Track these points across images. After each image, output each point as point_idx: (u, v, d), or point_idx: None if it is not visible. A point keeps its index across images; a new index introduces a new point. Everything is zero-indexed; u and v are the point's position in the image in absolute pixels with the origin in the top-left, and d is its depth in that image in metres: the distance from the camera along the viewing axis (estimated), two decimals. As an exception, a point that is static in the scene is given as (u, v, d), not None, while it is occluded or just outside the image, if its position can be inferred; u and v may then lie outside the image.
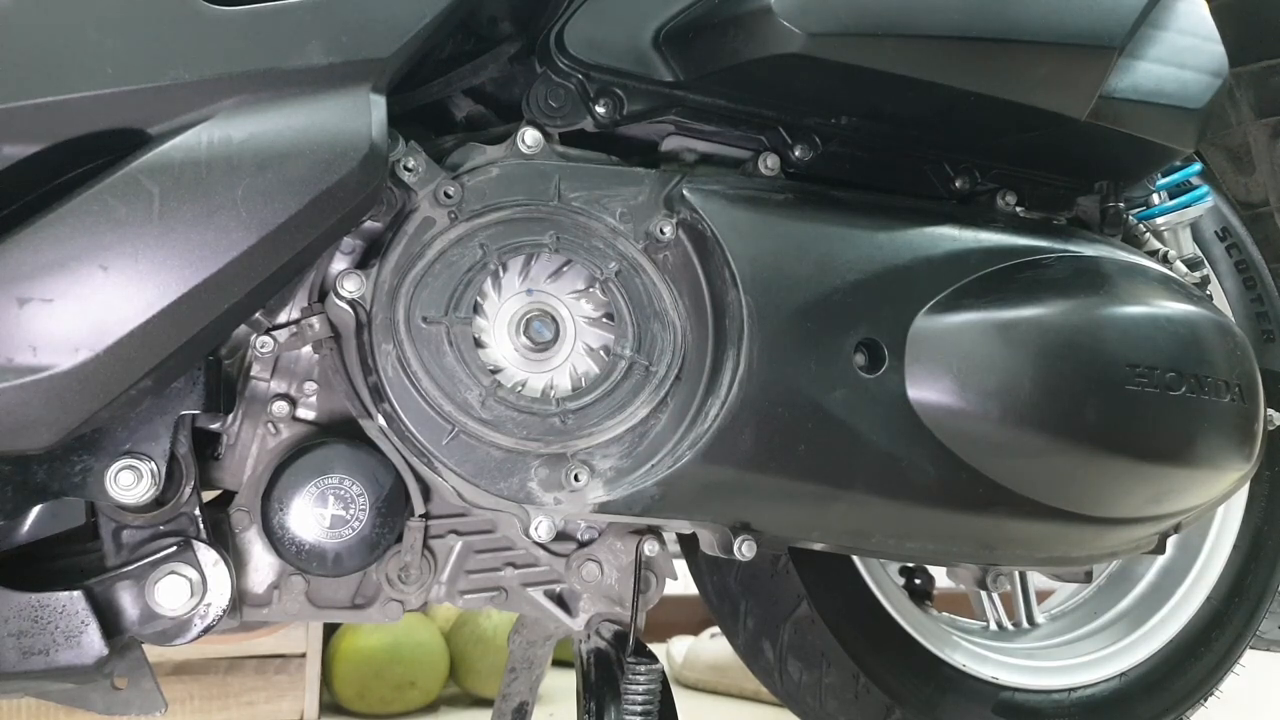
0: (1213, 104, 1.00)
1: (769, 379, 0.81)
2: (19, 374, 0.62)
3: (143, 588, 0.75)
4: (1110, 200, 1.06)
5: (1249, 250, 1.39)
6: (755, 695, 1.93)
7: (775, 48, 0.81)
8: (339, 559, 0.79)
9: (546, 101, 0.87)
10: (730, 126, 0.92)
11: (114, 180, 0.64)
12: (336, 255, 0.83)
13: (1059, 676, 1.28)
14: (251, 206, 0.67)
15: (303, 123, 0.69)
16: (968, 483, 0.87)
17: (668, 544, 0.93)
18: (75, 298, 0.63)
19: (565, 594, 0.92)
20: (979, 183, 1.01)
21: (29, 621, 0.71)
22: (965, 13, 0.84)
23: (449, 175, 0.81)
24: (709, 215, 0.83)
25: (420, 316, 0.79)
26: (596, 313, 0.85)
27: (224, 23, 0.68)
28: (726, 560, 0.89)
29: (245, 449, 0.83)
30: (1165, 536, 1.04)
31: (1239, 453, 0.99)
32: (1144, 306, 0.95)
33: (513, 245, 0.82)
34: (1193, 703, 1.32)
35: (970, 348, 0.86)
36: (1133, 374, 0.90)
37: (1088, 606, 1.42)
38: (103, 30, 0.66)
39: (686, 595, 1.40)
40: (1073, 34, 0.88)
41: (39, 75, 0.64)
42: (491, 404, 0.79)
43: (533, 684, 1.19)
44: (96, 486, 0.73)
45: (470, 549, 0.89)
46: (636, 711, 0.83)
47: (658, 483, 0.80)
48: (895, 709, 1.16)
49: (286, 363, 0.84)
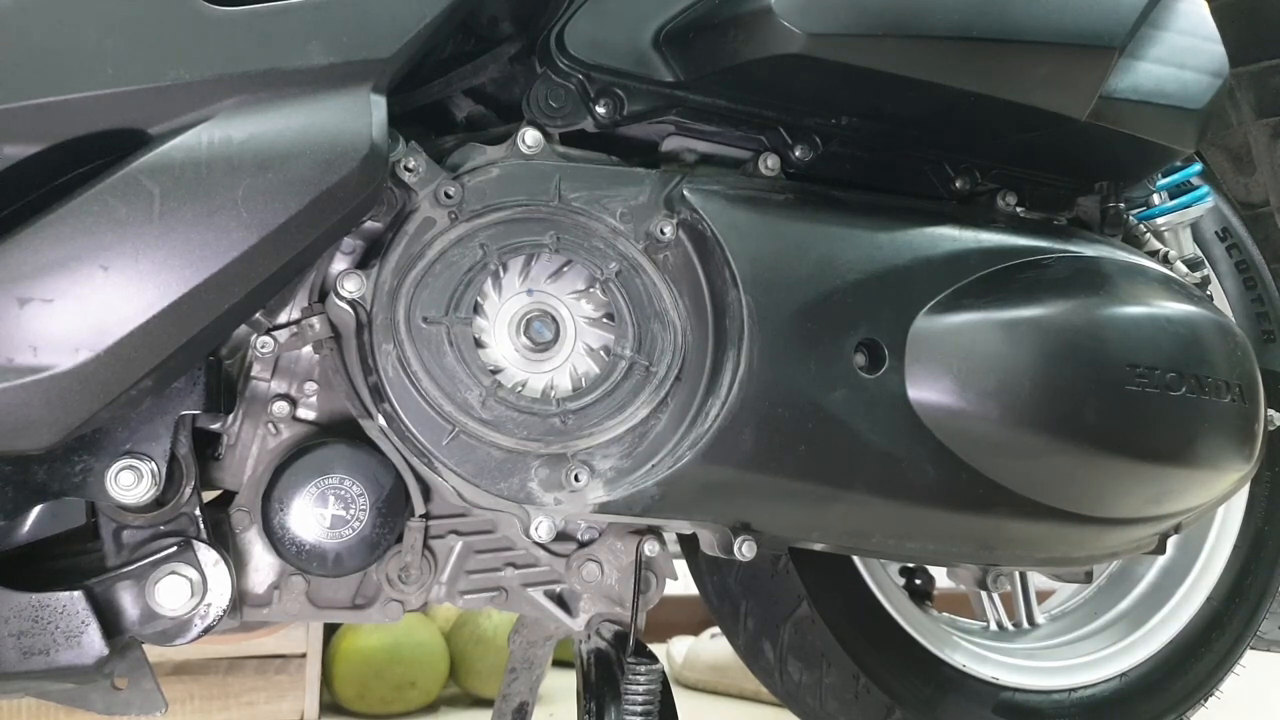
0: (1213, 104, 1.00)
1: (769, 379, 0.81)
2: (19, 374, 0.62)
3: (143, 588, 0.75)
4: (1110, 200, 1.06)
5: (1249, 250, 1.39)
6: (755, 695, 1.93)
7: (775, 48, 0.81)
8: (339, 559, 0.79)
9: (547, 102, 0.87)
10: (730, 127, 0.92)
11: (114, 180, 0.64)
12: (337, 255, 0.83)
13: (1059, 677, 1.28)
14: (252, 206, 0.67)
15: (303, 123, 0.69)
16: (968, 483, 0.87)
17: (668, 544, 0.93)
18: (75, 298, 0.63)
19: (565, 594, 0.92)
20: (979, 183, 1.01)
21: (29, 621, 0.71)
22: (965, 13, 0.84)
23: (449, 175, 0.81)
24: (709, 215, 0.83)
25: (420, 317, 0.79)
26: (597, 313, 0.85)
27: (224, 23, 0.68)
28: (726, 560, 0.89)
29: (245, 449, 0.83)
30: (1165, 537, 1.04)
31: (1239, 453, 0.99)
32: (1144, 307, 0.95)
33: (513, 245, 0.82)
34: (1193, 703, 1.32)
35: (970, 348, 0.86)
36: (1133, 374, 0.90)
37: (1088, 607, 1.42)
38: (103, 30, 0.66)
39: (686, 595, 1.40)
40: (1073, 34, 0.88)
41: (39, 75, 0.64)
42: (492, 404, 0.79)
43: (533, 684, 1.19)
44: (97, 486, 0.73)
45: (470, 549, 0.89)
46: (636, 712, 0.83)
47: (658, 483, 0.80)
48: (895, 709, 1.16)
49: (287, 363, 0.84)
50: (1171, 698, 1.31)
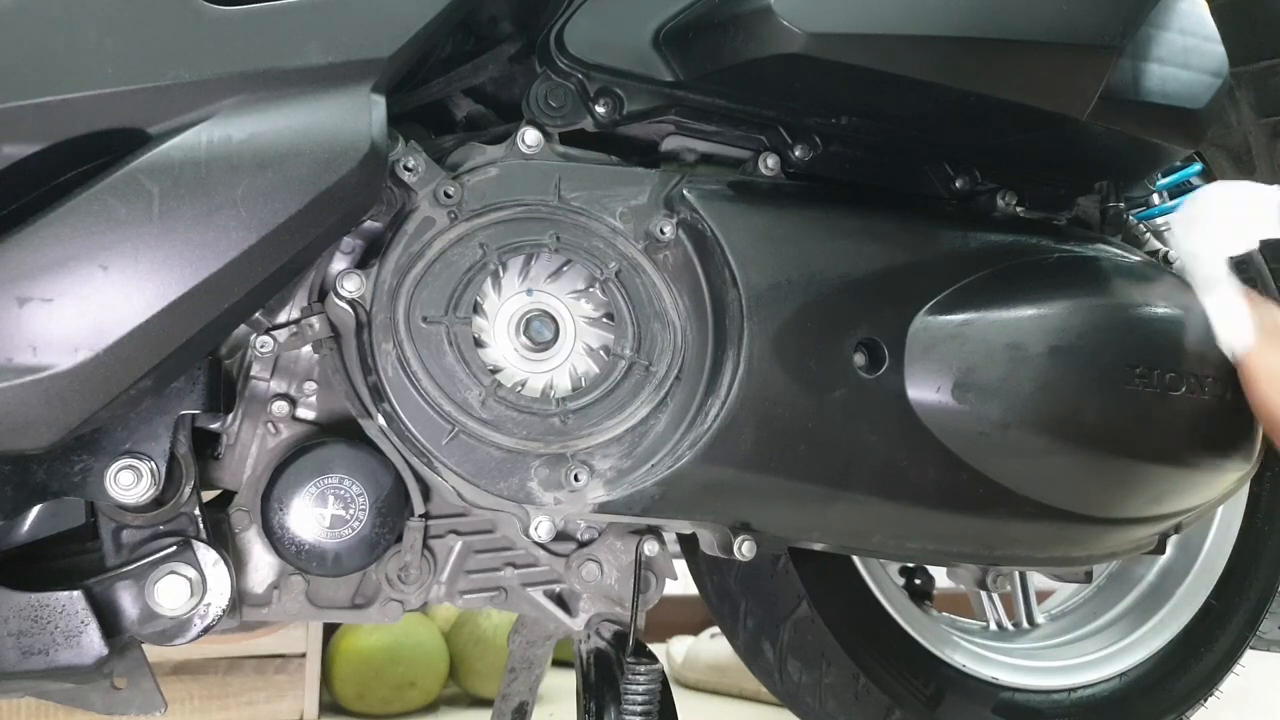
0: (1213, 104, 1.00)
1: (769, 379, 0.81)
2: (19, 374, 0.62)
3: (142, 587, 0.75)
4: (1111, 200, 1.06)
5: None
6: (755, 695, 1.93)
7: (776, 47, 0.81)
8: (339, 559, 0.79)
9: (546, 101, 0.87)
10: (730, 126, 0.92)
11: (114, 180, 0.64)
12: (336, 255, 0.83)
13: (1059, 677, 1.28)
14: (251, 206, 0.67)
15: (303, 122, 0.69)
16: (968, 483, 0.86)
17: (668, 544, 0.93)
18: (75, 297, 0.63)
19: (565, 594, 0.92)
20: (979, 183, 1.01)
21: (29, 621, 0.71)
22: (965, 13, 0.84)
23: (449, 175, 0.81)
24: (709, 215, 0.83)
25: (420, 316, 0.79)
26: (596, 313, 0.85)
27: (224, 23, 0.68)
28: (726, 560, 0.89)
29: (245, 449, 0.83)
30: (1165, 537, 1.04)
31: (1239, 453, 0.99)
32: (1144, 307, 0.95)
33: (513, 245, 0.82)
34: (1193, 703, 1.32)
35: (970, 348, 0.86)
36: (1133, 374, 0.90)
37: (1088, 607, 1.42)
38: (103, 30, 0.66)
39: (686, 595, 1.40)
40: (1073, 34, 0.88)
41: (39, 75, 0.64)
42: (491, 404, 0.79)
43: (533, 684, 1.20)
44: (96, 486, 0.73)
45: (470, 549, 0.89)
46: (636, 711, 0.83)
47: (658, 483, 0.80)
48: (895, 709, 1.16)
49: (286, 362, 0.84)
50: (1171, 697, 1.31)
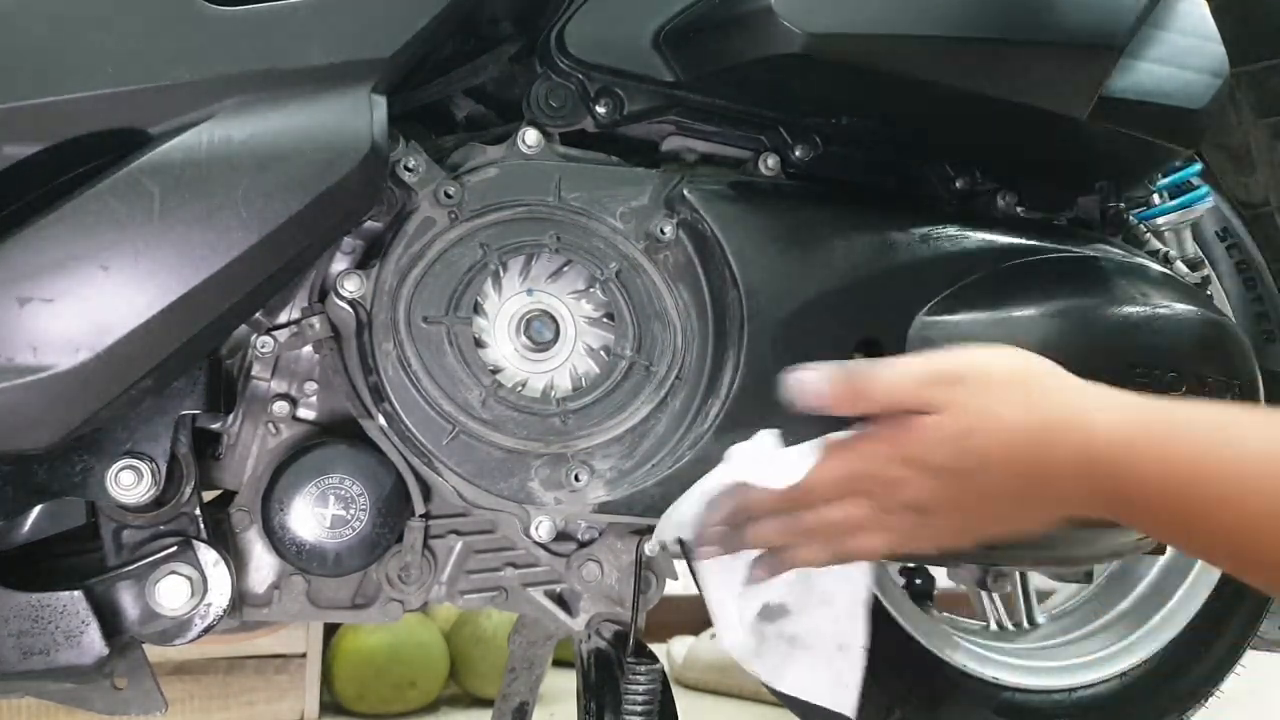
0: (1213, 104, 1.00)
1: (769, 379, 0.81)
2: (19, 374, 0.62)
3: (143, 588, 0.75)
4: (1111, 200, 1.06)
5: (1249, 250, 1.39)
6: (755, 695, 1.93)
7: (776, 48, 0.80)
8: (339, 559, 0.79)
9: (547, 101, 0.87)
10: (731, 126, 0.92)
11: (114, 180, 0.64)
12: (337, 255, 0.83)
13: (1060, 677, 1.28)
14: (252, 206, 0.67)
15: (303, 123, 0.69)
16: (968, 483, 0.86)
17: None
18: (76, 297, 0.63)
19: (565, 594, 0.92)
20: (979, 183, 1.01)
21: (29, 621, 0.71)
22: (965, 13, 0.84)
23: (449, 175, 0.81)
24: (709, 215, 0.83)
25: (421, 316, 0.79)
26: (597, 313, 0.85)
27: (224, 23, 0.68)
28: (727, 560, 0.89)
29: (245, 449, 0.83)
30: (1166, 537, 1.04)
31: (1239, 453, 0.99)
32: (1144, 307, 0.95)
33: (513, 245, 0.82)
34: (1194, 703, 1.32)
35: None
36: (1133, 374, 0.90)
37: (1088, 607, 1.42)
38: (103, 30, 0.66)
39: (686, 595, 1.40)
40: (1073, 34, 0.88)
41: (39, 75, 0.64)
42: (492, 404, 0.79)
43: (533, 684, 1.20)
44: (97, 486, 0.73)
45: (470, 549, 0.89)
46: (637, 712, 0.83)
47: (658, 483, 0.80)
48: (895, 709, 1.16)
49: (287, 363, 0.84)
50: (1172, 697, 1.30)
